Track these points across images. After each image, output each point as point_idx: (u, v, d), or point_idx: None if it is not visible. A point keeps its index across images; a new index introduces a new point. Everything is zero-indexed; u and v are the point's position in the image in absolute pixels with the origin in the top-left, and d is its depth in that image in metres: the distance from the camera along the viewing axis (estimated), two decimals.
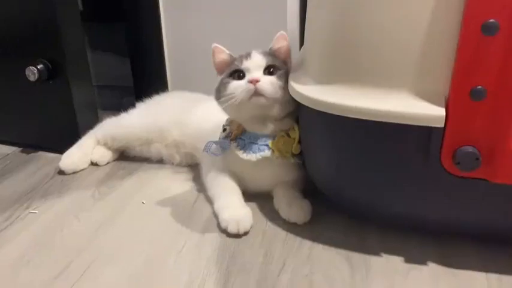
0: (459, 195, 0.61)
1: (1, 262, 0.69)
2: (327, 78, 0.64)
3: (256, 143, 0.76)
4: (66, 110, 1.00)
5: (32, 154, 1.06)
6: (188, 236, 0.74)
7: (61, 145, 1.02)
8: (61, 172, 0.96)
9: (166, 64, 1.21)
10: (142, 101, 1.06)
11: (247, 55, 0.77)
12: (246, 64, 0.76)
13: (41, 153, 1.06)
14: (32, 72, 0.95)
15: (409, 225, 0.71)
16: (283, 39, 0.78)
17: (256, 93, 0.72)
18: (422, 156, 0.60)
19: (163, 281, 0.64)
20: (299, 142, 0.76)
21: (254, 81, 0.72)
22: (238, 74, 0.76)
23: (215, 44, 0.80)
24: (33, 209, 0.83)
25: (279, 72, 0.76)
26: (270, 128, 0.76)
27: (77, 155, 0.97)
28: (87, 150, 0.99)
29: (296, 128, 0.76)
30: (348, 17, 0.61)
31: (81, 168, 0.97)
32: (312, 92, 0.64)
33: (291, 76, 0.74)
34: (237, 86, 0.74)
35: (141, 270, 0.66)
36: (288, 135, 0.76)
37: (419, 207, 0.65)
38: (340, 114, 0.61)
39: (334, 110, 0.61)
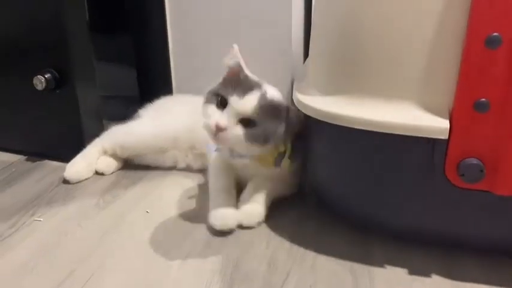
0: (463, 207, 0.62)
1: (4, 269, 0.69)
2: (331, 89, 0.65)
3: None
4: (72, 119, 1.01)
5: (37, 162, 1.07)
6: (192, 244, 0.74)
7: (66, 154, 1.03)
8: (65, 181, 0.96)
9: (172, 74, 1.22)
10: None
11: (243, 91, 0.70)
12: (233, 99, 0.70)
13: (45, 161, 1.07)
14: (40, 81, 0.96)
15: (413, 236, 0.71)
16: None
17: (218, 138, 0.70)
18: (426, 168, 0.61)
19: None
20: (290, 156, 0.76)
21: (217, 129, 0.69)
22: (222, 101, 0.71)
23: (235, 45, 0.76)
24: (38, 217, 0.83)
25: (255, 130, 0.70)
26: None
27: (81, 165, 0.97)
28: (91, 159, 0.99)
29: (287, 144, 0.76)
30: (353, 29, 0.62)
31: (86, 177, 0.97)
32: (317, 102, 0.65)
33: (296, 86, 0.74)
34: (208, 115, 0.71)
35: (145, 278, 0.67)
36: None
37: (422, 219, 0.66)
38: (345, 125, 0.61)
39: (338, 120, 0.62)
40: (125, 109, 1.20)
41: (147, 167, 1.01)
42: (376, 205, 0.68)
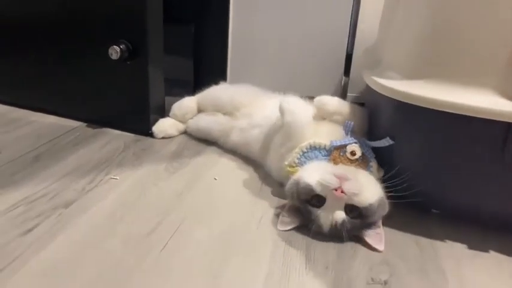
0: None
1: (97, 216, 0.75)
2: (415, 73, 0.71)
3: None
4: (140, 91, 1.06)
5: (97, 129, 1.12)
6: (264, 209, 0.80)
7: (129, 124, 1.09)
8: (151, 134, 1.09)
9: (228, 65, 1.29)
10: None
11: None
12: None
13: (105, 129, 1.12)
14: (115, 51, 1.01)
15: (472, 216, 0.76)
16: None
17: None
18: (499, 152, 0.67)
19: (251, 244, 0.70)
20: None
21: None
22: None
23: None
24: (114, 176, 0.88)
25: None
26: None
27: (168, 122, 1.10)
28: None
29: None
30: (442, 17, 0.69)
31: (170, 134, 1.10)
32: (401, 86, 0.71)
33: (369, 72, 0.80)
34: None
35: (228, 232, 0.72)
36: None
37: (487, 201, 0.72)
38: (429, 107, 0.67)
39: (424, 102, 0.68)
40: (179, 91, 1.25)
41: (204, 143, 1.07)
42: (446, 185, 0.74)
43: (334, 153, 0.79)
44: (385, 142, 0.77)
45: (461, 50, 0.68)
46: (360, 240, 0.72)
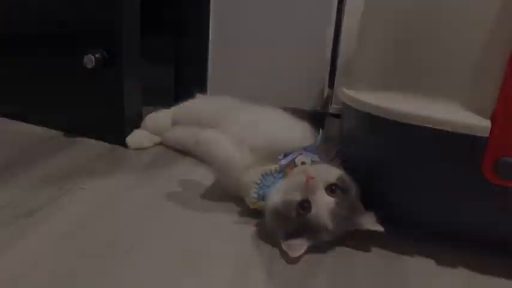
0: (497, 204, 0.67)
1: (58, 226, 0.73)
2: (382, 85, 0.71)
3: None
4: (116, 100, 1.05)
5: (72, 139, 1.11)
6: (231, 222, 0.78)
7: (104, 133, 1.08)
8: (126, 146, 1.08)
9: (208, 77, 1.28)
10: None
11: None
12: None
13: (80, 138, 1.11)
14: (90, 60, 1.00)
15: (444, 232, 0.75)
16: None
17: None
18: (465, 164, 0.66)
19: (212, 260, 0.68)
20: None
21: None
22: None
23: None
24: (82, 185, 0.87)
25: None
26: None
27: (143, 133, 1.09)
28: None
29: None
30: (407, 34, 0.68)
31: (146, 145, 1.08)
32: (368, 97, 0.70)
33: (339, 83, 0.80)
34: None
35: (188, 246, 0.71)
36: None
37: (456, 214, 0.70)
38: (394, 119, 0.67)
39: (390, 115, 0.67)
40: (159, 101, 1.24)
41: (181, 154, 1.06)
42: (411, 200, 0.72)
43: (287, 171, 0.78)
44: (318, 141, 0.82)
45: (427, 63, 0.67)
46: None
